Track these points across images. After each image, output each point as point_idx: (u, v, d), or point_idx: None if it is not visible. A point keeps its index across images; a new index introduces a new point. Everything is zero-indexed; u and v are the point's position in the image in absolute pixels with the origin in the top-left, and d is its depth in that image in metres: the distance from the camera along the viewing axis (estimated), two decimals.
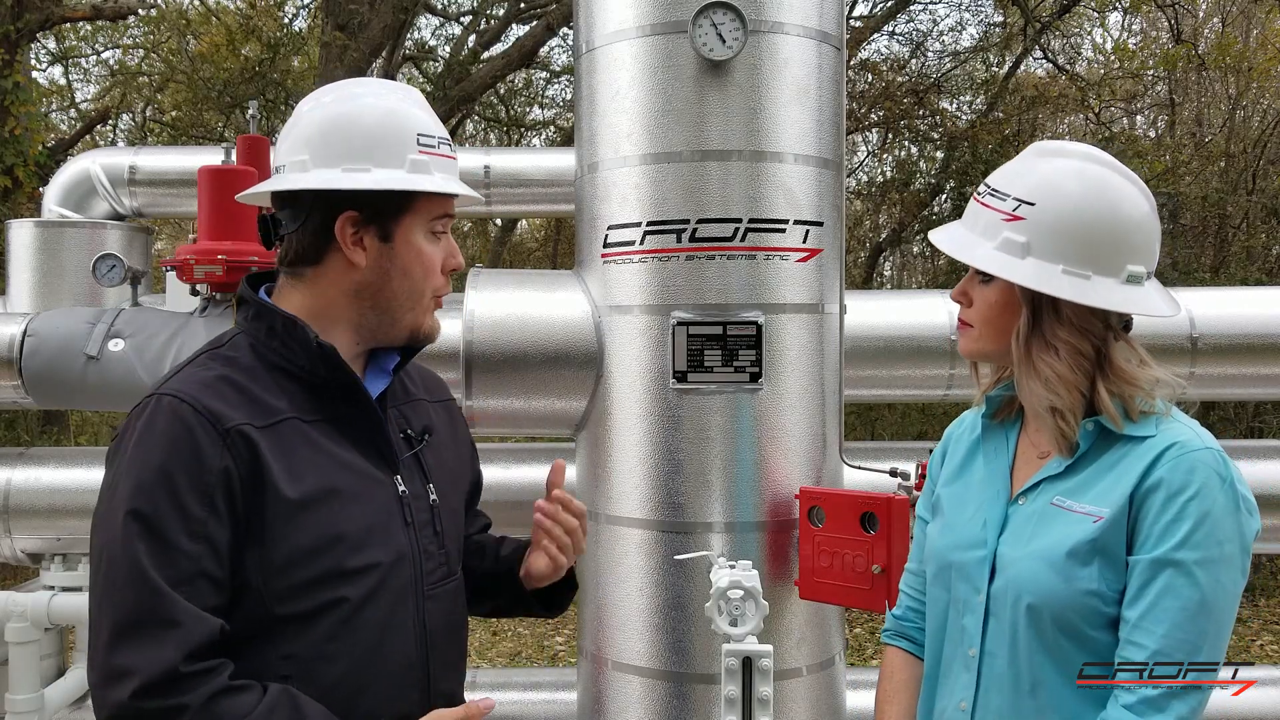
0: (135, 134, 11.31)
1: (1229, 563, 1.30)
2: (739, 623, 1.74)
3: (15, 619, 3.13)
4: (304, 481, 1.30)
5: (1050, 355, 1.40)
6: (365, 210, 1.37)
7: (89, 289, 3.29)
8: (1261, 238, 9.31)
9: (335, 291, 1.40)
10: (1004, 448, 1.53)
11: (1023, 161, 1.46)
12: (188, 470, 1.24)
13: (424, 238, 1.42)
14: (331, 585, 1.31)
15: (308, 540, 1.29)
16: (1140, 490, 1.32)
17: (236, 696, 1.21)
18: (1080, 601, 1.34)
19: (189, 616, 1.21)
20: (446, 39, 11.58)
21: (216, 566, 1.25)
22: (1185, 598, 1.28)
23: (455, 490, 1.55)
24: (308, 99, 1.44)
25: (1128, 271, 1.38)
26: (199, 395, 1.28)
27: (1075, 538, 1.35)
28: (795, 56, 2.33)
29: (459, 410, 1.69)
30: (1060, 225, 1.38)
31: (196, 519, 1.23)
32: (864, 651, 6.27)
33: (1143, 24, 11.70)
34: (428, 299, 1.44)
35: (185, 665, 1.18)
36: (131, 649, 1.19)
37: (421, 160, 1.39)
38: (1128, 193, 1.40)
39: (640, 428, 2.35)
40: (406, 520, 1.40)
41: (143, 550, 1.21)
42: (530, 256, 13.44)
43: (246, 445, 1.27)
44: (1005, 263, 1.40)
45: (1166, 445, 1.33)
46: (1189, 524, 1.29)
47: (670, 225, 2.30)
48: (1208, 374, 2.95)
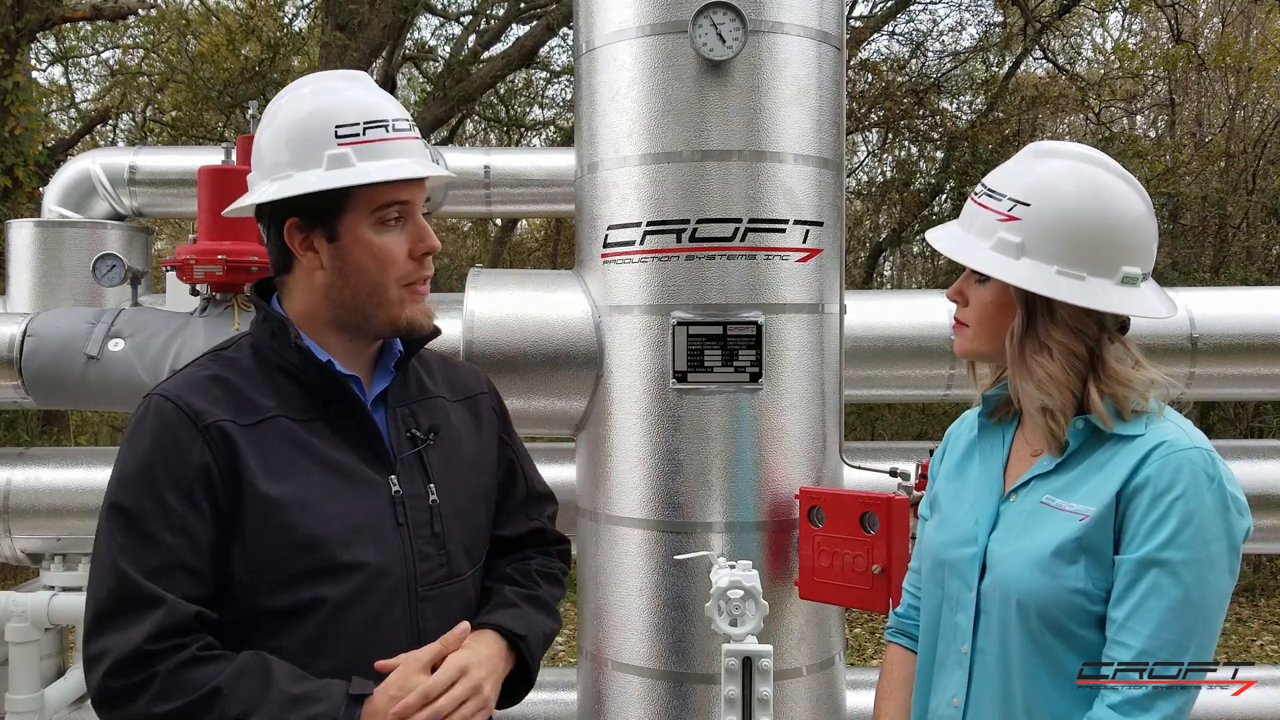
0: (135, 134, 11.31)
1: (1215, 563, 1.29)
2: (739, 623, 1.74)
3: (15, 619, 3.13)
4: (283, 480, 1.32)
5: (1043, 356, 1.40)
6: (303, 215, 1.37)
7: (89, 289, 3.29)
8: (1261, 238, 9.31)
9: (310, 295, 1.42)
10: (999, 446, 1.54)
11: (1019, 162, 1.46)
12: (167, 465, 1.28)
13: (372, 230, 1.37)
14: (311, 584, 1.32)
15: (287, 537, 1.30)
16: (1127, 489, 1.32)
17: (205, 665, 1.24)
18: (1066, 600, 1.34)
19: (158, 600, 1.24)
20: (446, 39, 11.59)
21: (196, 559, 1.28)
22: (1171, 598, 1.27)
23: (466, 490, 1.52)
24: (269, 104, 1.45)
25: (1123, 273, 1.38)
26: (184, 394, 1.32)
27: (1061, 536, 1.35)
28: (795, 56, 2.33)
29: (490, 405, 1.64)
30: (1055, 226, 1.38)
31: (175, 513, 1.27)
32: (864, 651, 6.28)
33: (1143, 24, 11.70)
34: (393, 291, 1.40)
35: (150, 644, 1.22)
36: (106, 635, 1.24)
37: (340, 154, 1.34)
38: (1123, 193, 1.40)
39: (640, 428, 2.35)
40: (399, 521, 1.40)
41: (121, 543, 1.26)
42: (530, 256, 13.43)
43: (225, 441, 1.30)
44: (1000, 263, 1.40)
45: (1154, 444, 1.33)
46: (1174, 523, 1.28)
47: (670, 225, 2.30)
48: (1207, 374, 2.95)
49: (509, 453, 1.65)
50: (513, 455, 1.65)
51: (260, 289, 1.49)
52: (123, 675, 1.22)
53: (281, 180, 1.36)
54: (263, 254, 2.87)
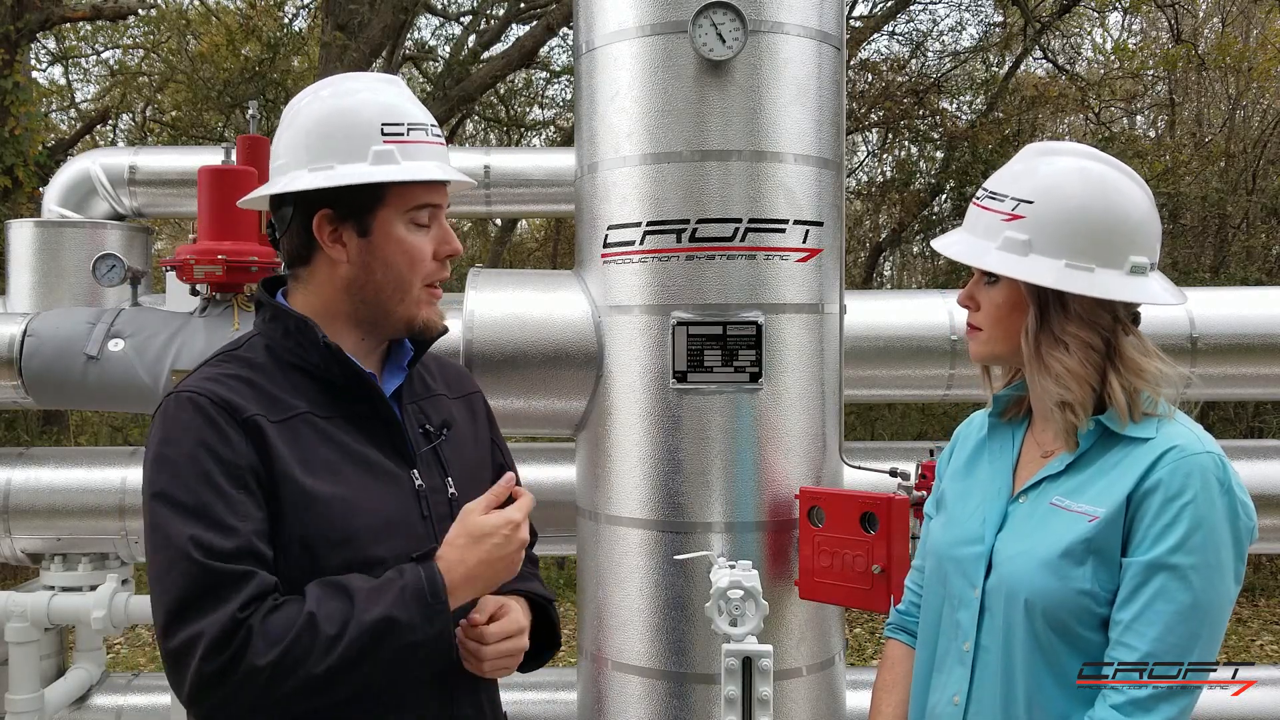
0: (135, 134, 11.30)
1: (1223, 569, 1.30)
2: (739, 623, 1.74)
3: (15, 619, 3.13)
4: (317, 475, 1.33)
5: (1060, 351, 1.40)
6: (338, 207, 1.38)
7: (89, 289, 3.28)
8: (1261, 238, 9.31)
9: (329, 289, 1.42)
10: (1009, 446, 1.54)
11: (1019, 163, 1.47)
12: (215, 455, 1.27)
13: (404, 228, 1.40)
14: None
15: (324, 532, 1.31)
16: (1138, 492, 1.32)
17: (288, 606, 1.24)
18: (1073, 601, 1.34)
19: (249, 576, 1.23)
20: (446, 39, 11.59)
21: (263, 544, 1.27)
22: (1179, 602, 1.27)
23: (475, 485, 1.54)
24: (290, 104, 1.46)
25: (1131, 262, 1.38)
26: (214, 390, 1.32)
27: (1070, 537, 1.35)
28: (795, 56, 2.33)
29: (483, 405, 1.69)
30: (1061, 219, 1.38)
31: (235, 500, 1.26)
32: (864, 651, 6.28)
33: (1143, 24, 11.70)
34: (417, 289, 1.42)
35: (242, 611, 1.21)
36: (193, 622, 1.21)
37: (386, 150, 1.37)
38: (1126, 186, 1.41)
39: (640, 428, 2.35)
40: (424, 513, 1.42)
41: (189, 533, 1.23)
42: (530, 256, 13.43)
43: (260, 435, 1.30)
44: (1010, 261, 1.40)
45: (1167, 448, 1.33)
46: (1185, 528, 1.28)
47: (670, 225, 2.30)
48: (1208, 374, 2.95)
49: (498, 454, 1.69)
50: (501, 457, 1.69)
51: (266, 287, 1.49)
52: (221, 649, 1.19)
53: (324, 170, 1.36)
54: (263, 254, 2.87)
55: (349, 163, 1.36)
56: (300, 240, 1.41)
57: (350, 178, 1.35)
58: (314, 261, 1.42)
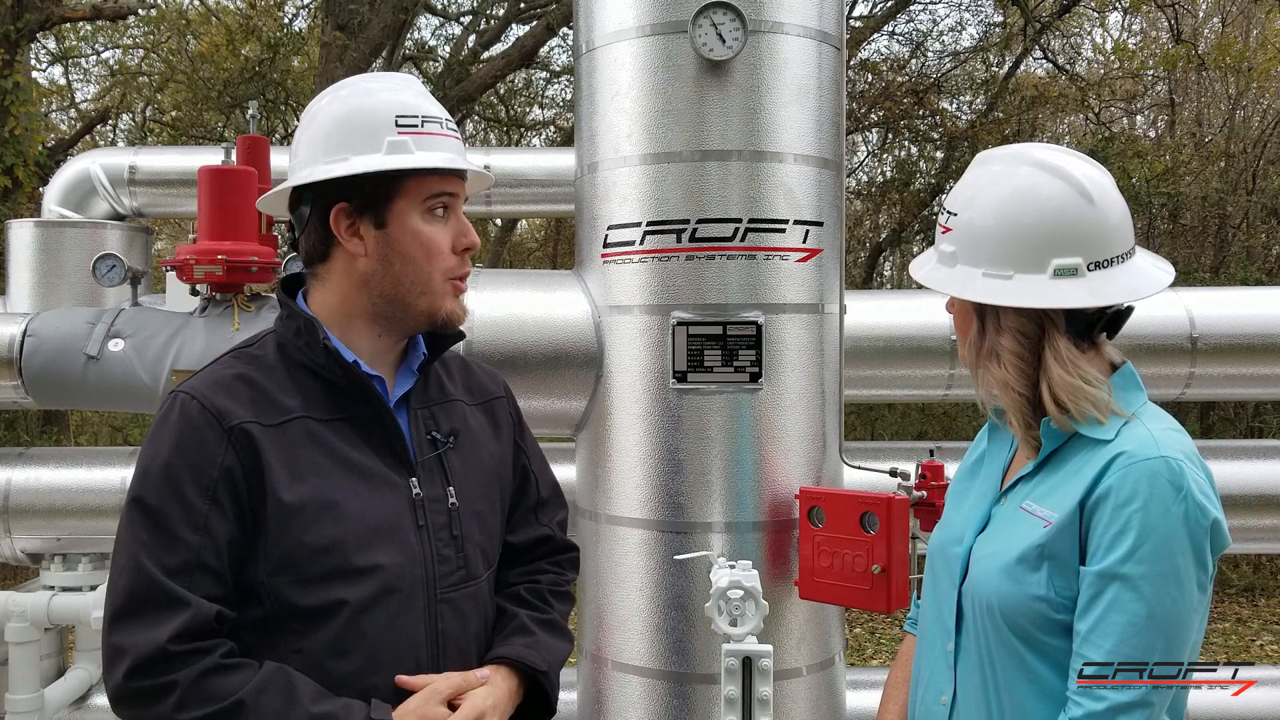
0: (135, 134, 11.31)
1: (1179, 576, 1.26)
2: (739, 623, 1.74)
3: (15, 619, 3.13)
4: (305, 483, 1.32)
5: (993, 361, 1.41)
6: (355, 200, 1.38)
7: (89, 289, 3.28)
8: (1261, 238, 9.31)
9: (347, 285, 1.42)
10: (1005, 449, 1.55)
11: (964, 175, 1.48)
12: (191, 465, 1.29)
13: (421, 219, 1.40)
14: (333, 586, 1.32)
15: (308, 540, 1.31)
16: (1090, 499, 1.30)
17: (229, 675, 1.24)
18: (1028, 606, 1.33)
19: (182, 601, 1.24)
20: (446, 39, 11.59)
21: (215, 559, 1.28)
22: (1131, 613, 1.25)
23: (484, 493, 1.53)
24: (310, 105, 1.47)
25: (1054, 266, 1.35)
26: (210, 393, 1.33)
27: (1027, 542, 1.35)
28: (795, 56, 2.33)
29: (509, 410, 1.67)
30: (975, 229, 1.39)
31: (198, 511, 1.27)
32: (864, 651, 6.27)
33: (1143, 24, 11.69)
34: (437, 281, 1.42)
35: (174, 645, 1.22)
36: (126, 631, 1.24)
37: (400, 140, 1.37)
38: (1044, 186, 1.36)
39: (640, 428, 2.35)
40: (419, 523, 1.40)
41: (143, 539, 1.26)
42: (530, 256, 13.43)
43: (248, 443, 1.30)
44: (938, 274, 1.43)
45: (1117, 454, 1.31)
46: (1134, 536, 1.26)
47: (670, 225, 2.30)
48: (1208, 374, 2.95)
49: (523, 459, 1.66)
50: (526, 461, 1.67)
51: (286, 286, 1.49)
52: (144, 676, 1.22)
53: (339, 162, 1.37)
54: (263, 254, 2.87)
55: (363, 154, 1.37)
56: (318, 236, 1.41)
57: (364, 166, 1.35)
58: (332, 258, 1.42)
